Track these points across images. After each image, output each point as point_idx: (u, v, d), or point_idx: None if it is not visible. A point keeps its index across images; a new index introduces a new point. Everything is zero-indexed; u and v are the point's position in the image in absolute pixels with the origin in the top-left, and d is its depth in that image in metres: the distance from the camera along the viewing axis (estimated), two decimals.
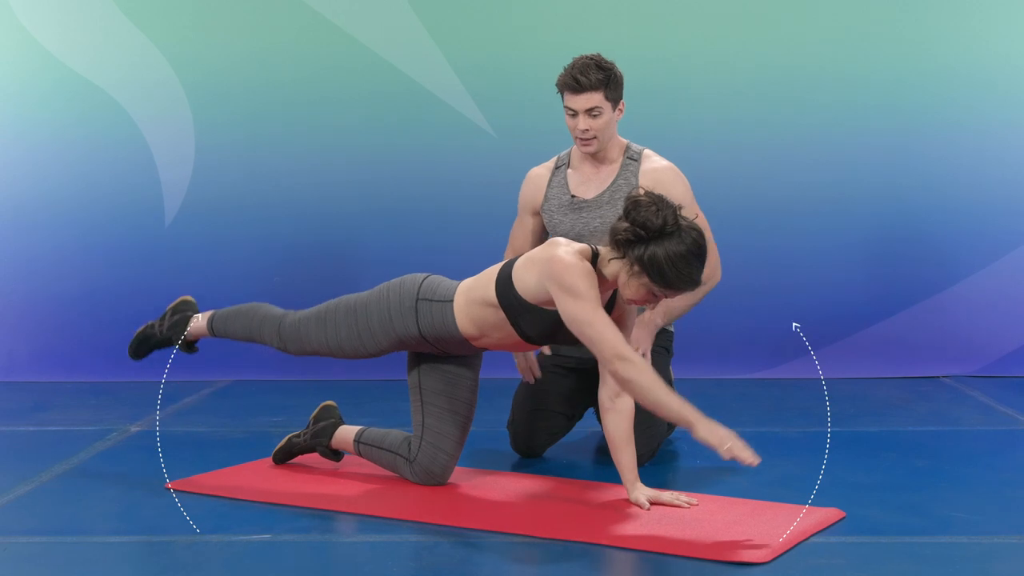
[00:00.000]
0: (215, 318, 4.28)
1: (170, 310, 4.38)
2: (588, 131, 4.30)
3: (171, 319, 4.36)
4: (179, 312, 4.37)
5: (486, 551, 3.44)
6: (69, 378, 6.21)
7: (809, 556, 3.34)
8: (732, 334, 6.20)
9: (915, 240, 6.22)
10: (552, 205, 4.49)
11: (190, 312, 4.35)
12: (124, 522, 3.74)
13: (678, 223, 3.56)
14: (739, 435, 3.44)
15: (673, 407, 3.52)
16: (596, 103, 4.27)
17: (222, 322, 4.26)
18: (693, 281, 3.56)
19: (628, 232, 3.57)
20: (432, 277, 3.97)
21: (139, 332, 4.43)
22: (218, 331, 4.28)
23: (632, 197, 3.61)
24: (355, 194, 6.27)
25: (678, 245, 3.53)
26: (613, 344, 3.56)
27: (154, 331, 4.39)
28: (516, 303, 3.75)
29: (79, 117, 6.26)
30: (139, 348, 4.43)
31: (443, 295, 3.89)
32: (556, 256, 3.64)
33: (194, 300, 4.41)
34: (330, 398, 4.68)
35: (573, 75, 4.26)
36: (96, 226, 6.27)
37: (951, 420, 5.18)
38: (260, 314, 4.19)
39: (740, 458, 3.41)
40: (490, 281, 3.82)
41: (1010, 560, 3.34)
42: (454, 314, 3.85)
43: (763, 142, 6.21)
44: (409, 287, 3.94)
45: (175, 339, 4.35)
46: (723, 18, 6.22)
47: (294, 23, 6.24)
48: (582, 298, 3.59)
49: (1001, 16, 6.18)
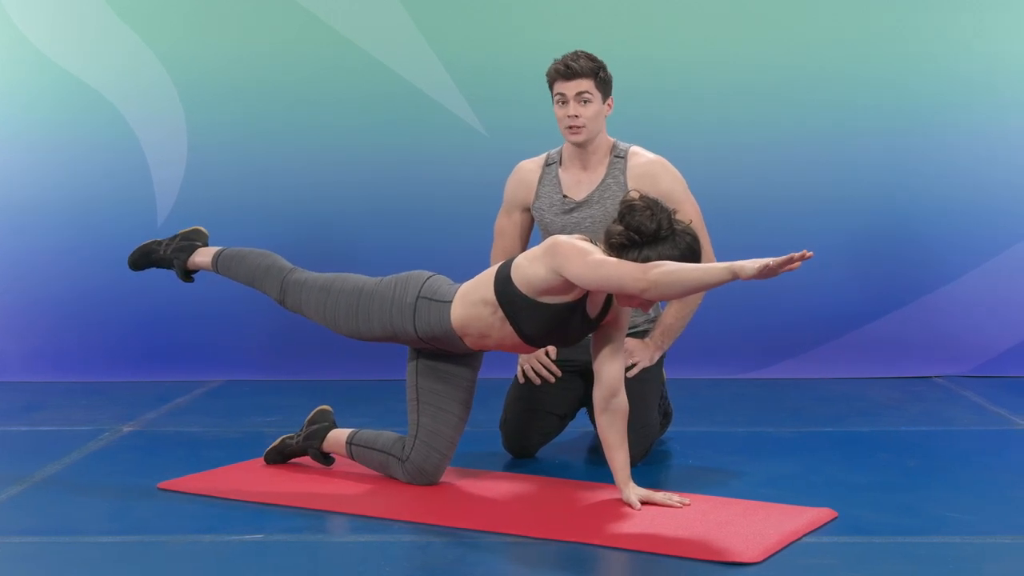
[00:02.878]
0: (222, 255, 4.27)
1: (180, 235, 4.38)
2: (578, 117, 4.31)
3: (178, 243, 4.36)
4: (188, 239, 4.36)
5: (479, 551, 3.43)
6: (61, 378, 6.20)
7: (801, 556, 3.34)
8: (725, 334, 6.20)
9: (908, 240, 6.23)
10: (544, 204, 4.49)
11: (199, 243, 4.35)
12: (116, 522, 3.73)
13: (672, 227, 3.56)
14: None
15: (715, 274, 3.38)
16: (586, 88, 4.29)
17: (227, 261, 4.26)
18: None
19: (622, 236, 3.57)
20: (436, 277, 3.98)
21: (143, 245, 4.43)
22: (221, 268, 4.28)
23: (627, 201, 3.61)
24: (348, 194, 6.27)
25: (672, 250, 3.54)
26: (632, 272, 3.50)
27: (159, 248, 4.38)
28: (515, 299, 3.74)
29: (72, 117, 6.25)
30: (139, 260, 4.42)
31: (443, 296, 3.89)
32: (559, 239, 3.66)
33: (207, 232, 4.40)
34: (325, 398, 4.68)
35: (564, 62, 4.31)
36: (88, 226, 6.26)
37: (944, 420, 5.18)
38: (267, 263, 4.20)
39: (787, 266, 3.28)
40: (488, 281, 3.83)
41: (1003, 560, 3.34)
42: (450, 315, 3.85)
43: (756, 143, 6.21)
44: (414, 284, 3.95)
45: (176, 264, 4.34)
46: (717, 19, 6.22)
47: (287, 23, 6.23)
48: (590, 253, 3.58)
49: (995, 17, 6.18)
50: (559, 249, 3.64)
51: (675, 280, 3.46)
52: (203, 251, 4.32)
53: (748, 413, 5.33)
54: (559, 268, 3.64)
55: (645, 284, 3.48)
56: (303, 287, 4.10)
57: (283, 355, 6.27)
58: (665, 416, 4.67)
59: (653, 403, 4.42)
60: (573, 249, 3.61)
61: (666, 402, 4.66)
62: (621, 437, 3.81)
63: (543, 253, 3.70)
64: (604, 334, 3.84)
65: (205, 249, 4.33)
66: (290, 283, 4.13)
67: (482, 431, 4.82)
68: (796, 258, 3.26)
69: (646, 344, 4.43)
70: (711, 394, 5.76)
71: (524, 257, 3.79)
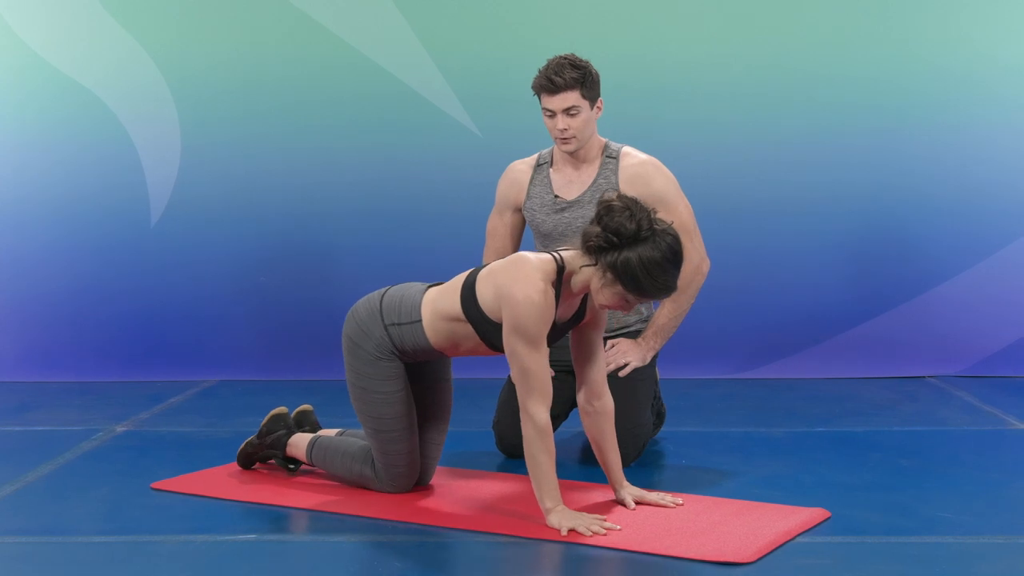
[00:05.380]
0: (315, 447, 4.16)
1: (264, 426, 4.28)
2: (567, 130, 4.30)
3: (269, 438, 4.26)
4: (272, 430, 4.26)
5: (471, 551, 3.44)
6: (54, 378, 6.19)
7: (795, 556, 3.34)
8: (718, 334, 6.21)
9: (900, 240, 6.23)
10: (535, 204, 4.49)
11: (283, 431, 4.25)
12: (110, 522, 3.73)
13: (652, 227, 3.45)
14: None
15: (541, 485, 3.54)
16: (573, 102, 4.26)
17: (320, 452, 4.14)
18: (669, 288, 3.47)
19: (600, 238, 3.46)
20: (389, 295, 3.86)
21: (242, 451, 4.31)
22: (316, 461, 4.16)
23: (604, 201, 3.50)
24: (341, 194, 6.26)
25: (652, 251, 3.42)
26: (537, 398, 3.52)
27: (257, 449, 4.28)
28: (482, 318, 3.68)
29: (65, 117, 6.24)
30: (244, 462, 4.30)
31: (409, 314, 3.79)
32: (517, 295, 3.52)
33: (285, 410, 4.32)
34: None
35: (548, 76, 4.26)
36: (82, 226, 6.25)
37: (937, 420, 5.19)
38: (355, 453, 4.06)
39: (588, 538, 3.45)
40: (455, 293, 3.73)
41: (996, 560, 3.34)
42: (424, 332, 3.78)
43: (747, 142, 6.21)
44: (372, 324, 3.82)
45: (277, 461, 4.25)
46: (706, 18, 6.22)
47: (280, 23, 6.23)
48: (531, 343, 3.52)
49: (985, 15, 6.19)
50: (512, 310, 3.53)
51: (528, 448, 3.53)
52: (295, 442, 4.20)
53: (741, 413, 5.34)
54: (503, 315, 3.58)
55: (522, 414, 3.53)
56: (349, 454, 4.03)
57: (276, 355, 6.27)
58: (658, 416, 4.67)
59: (646, 403, 4.42)
60: (519, 328, 3.51)
61: (659, 402, 4.66)
62: (610, 438, 3.79)
63: (501, 288, 3.59)
64: (582, 337, 3.77)
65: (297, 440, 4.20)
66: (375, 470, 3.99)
67: (475, 431, 4.82)
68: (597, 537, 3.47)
69: (639, 344, 4.43)
70: (704, 394, 5.76)
71: (489, 272, 3.68)
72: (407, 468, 3.92)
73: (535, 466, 3.55)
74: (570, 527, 3.50)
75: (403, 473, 3.92)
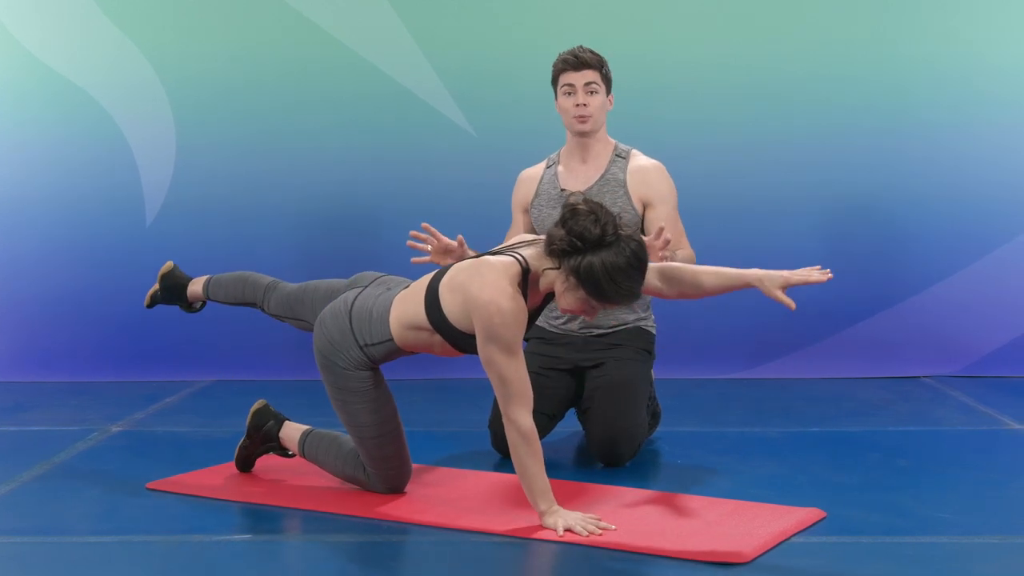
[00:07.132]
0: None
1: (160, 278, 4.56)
2: (586, 106, 4.44)
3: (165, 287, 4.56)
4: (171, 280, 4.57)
5: (468, 551, 3.43)
6: (49, 378, 6.18)
7: (790, 556, 3.34)
8: (713, 334, 6.21)
9: (896, 240, 6.23)
10: (542, 200, 4.56)
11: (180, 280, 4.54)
12: (105, 522, 3.73)
13: (617, 233, 3.42)
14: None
15: (533, 488, 3.53)
16: (593, 79, 4.45)
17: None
18: (632, 295, 3.45)
19: (564, 241, 3.43)
20: (356, 308, 3.81)
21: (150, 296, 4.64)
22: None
23: (569, 205, 3.47)
24: (336, 194, 6.26)
25: (616, 257, 3.39)
26: (517, 403, 3.50)
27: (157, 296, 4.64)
28: (448, 327, 3.65)
29: (60, 117, 6.24)
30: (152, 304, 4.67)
31: (381, 334, 3.75)
32: (488, 305, 3.47)
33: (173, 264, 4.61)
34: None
35: (573, 52, 4.48)
36: (77, 226, 6.25)
37: (932, 420, 5.19)
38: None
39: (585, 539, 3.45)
40: (419, 302, 3.69)
41: (991, 560, 3.34)
42: (397, 344, 3.75)
43: (744, 142, 6.20)
44: (344, 342, 3.80)
45: (180, 305, 4.62)
46: (704, 19, 6.22)
47: (275, 24, 6.22)
48: (507, 351, 3.48)
49: (981, 16, 6.19)
50: (482, 318, 3.49)
51: (515, 453, 3.53)
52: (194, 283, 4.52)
53: (737, 413, 5.34)
54: (474, 325, 3.55)
55: (505, 420, 3.52)
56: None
57: (271, 355, 6.26)
58: (653, 416, 4.67)
59: (641, 403, 4.42)
60: (493, 336, 3.47)
61: (654, 402, 4.66)
62: (698, 271, 3.74)
63: (466, 297, 3.54)
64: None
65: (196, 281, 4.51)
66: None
67: (471, 430, 4.81)
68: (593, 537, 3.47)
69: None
70: (700, 394, 5.76)
71: (450, 281, 3.64)
72: (398, 470, 3.92)
73: (524, 471, 3.54)
74: (566, 527, 3.49)
75: (395, 475, 3.92)
